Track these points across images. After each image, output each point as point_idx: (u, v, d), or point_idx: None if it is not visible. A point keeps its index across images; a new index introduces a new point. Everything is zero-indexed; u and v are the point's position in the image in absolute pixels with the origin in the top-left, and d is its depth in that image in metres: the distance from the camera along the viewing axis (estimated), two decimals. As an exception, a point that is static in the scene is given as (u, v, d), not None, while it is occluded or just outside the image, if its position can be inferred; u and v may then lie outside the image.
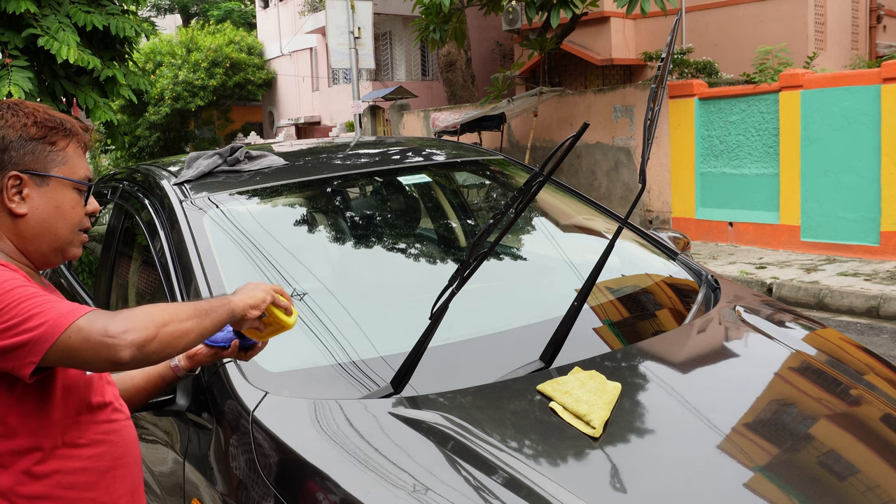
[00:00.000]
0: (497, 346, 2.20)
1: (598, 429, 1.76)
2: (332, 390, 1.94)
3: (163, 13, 35.58)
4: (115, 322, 1.33)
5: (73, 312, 1.33)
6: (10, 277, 1.37)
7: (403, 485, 1.61)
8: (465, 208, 3.47)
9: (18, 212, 1.49)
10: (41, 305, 1.33)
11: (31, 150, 1.49)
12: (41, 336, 1.30)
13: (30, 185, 1.49)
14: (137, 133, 26.07)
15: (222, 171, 2.77)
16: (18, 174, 1.48)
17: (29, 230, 1.51)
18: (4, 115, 1.50)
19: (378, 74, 22.66)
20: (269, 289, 1.60)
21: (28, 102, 1.55)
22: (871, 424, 1.97)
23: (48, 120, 1.52)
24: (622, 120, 10.61)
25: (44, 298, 1.34)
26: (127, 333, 1.32)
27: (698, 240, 9.73)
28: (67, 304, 1.36)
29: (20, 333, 1.30)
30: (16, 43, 7.96)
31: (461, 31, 12.11)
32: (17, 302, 1.32)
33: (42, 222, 1.51)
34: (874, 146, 8.00)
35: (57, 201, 1.52)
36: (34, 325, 1.30)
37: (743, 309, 2.46)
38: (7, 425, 1.40)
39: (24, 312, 1.31)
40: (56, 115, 1.56)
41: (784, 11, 14.78)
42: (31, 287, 1.37)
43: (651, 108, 2.24)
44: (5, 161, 1.48)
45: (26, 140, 1.49)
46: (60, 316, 1.31)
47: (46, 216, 1.51)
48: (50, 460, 1.44)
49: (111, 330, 1.31)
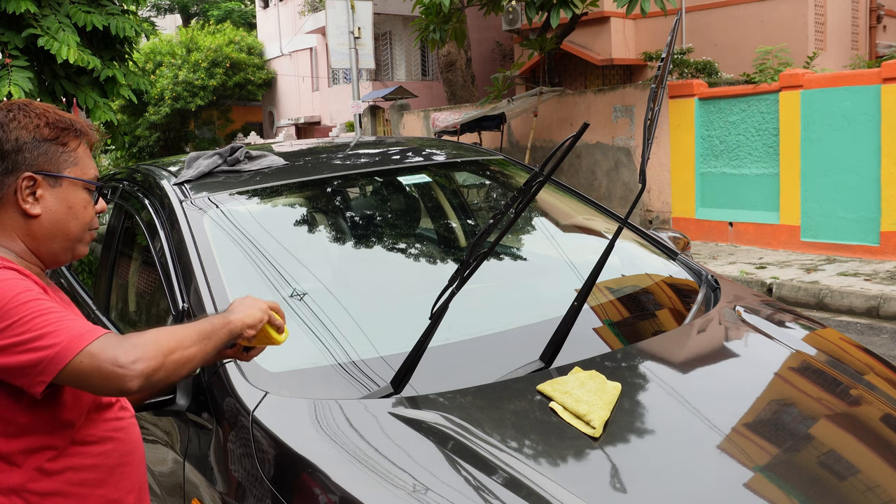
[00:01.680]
0: (497, 346, 2.20)
1: (598, 429, 1.76)
2: (332, 390, 1.94)
3: (163, 13, 35.58)
4: (125, 351, 1.34)
5: (86, 336, 1.34)
6: (26, 288, 1.37)
7: (403, 485, 1.60)
8: (465, 208, 3.47)
9: (33, 212, 1.50)
10: (55, 324, 1.33)
11: (44, 151, 1.51)
12: (54, 357, 1.31)
13: (43, 185, 1.51)
14: (137, 133, 26.07)
15: (222, 171, 2.77)
16: (33, 175, 1.50)
17: (42, 231, 1.52)
18: (17, 117, 1.51)
19: (378, 74, 22.66)
20: (265, 307, 1.61)
21: (37, 103, 1.56)
22: (871, 424, 1.97)
23: (60, 121, 1.54)
24: (622, 120, 10.61)
25: (58, 315, 1.35)
26: (136, 363, 1.33)
27: (698, 240, 9.73)
28: (80, 324, 1.36)
29: (33, 350, 1.31)
30: (16, 43, 7.96)
31: (461, 31, 12.11)
32: (32, 316, 1.33)
33: (55, 223, 1.53)
34: (874, 146, 8.00)
35: (69, 201, 1.54)
36: (47, 344, 1.31)
37: (743, 309, 2.46)
38: (19, 425, 1.42)
39: (38, 328, 1.32)
40: (66, 115, 1.57)
41: (784, 11, 14.78)
42: (45, 301, 1.37)
43: (651, 108, 2.24)
44: (19, 162, 1.49)
45: (39, 141, 1.50)
46: (74, 338, 1.32)
47: (59, 216, 1.53)
48: (62, 458, 1.46)
49: (121, 360, 1.33)
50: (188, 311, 2.17)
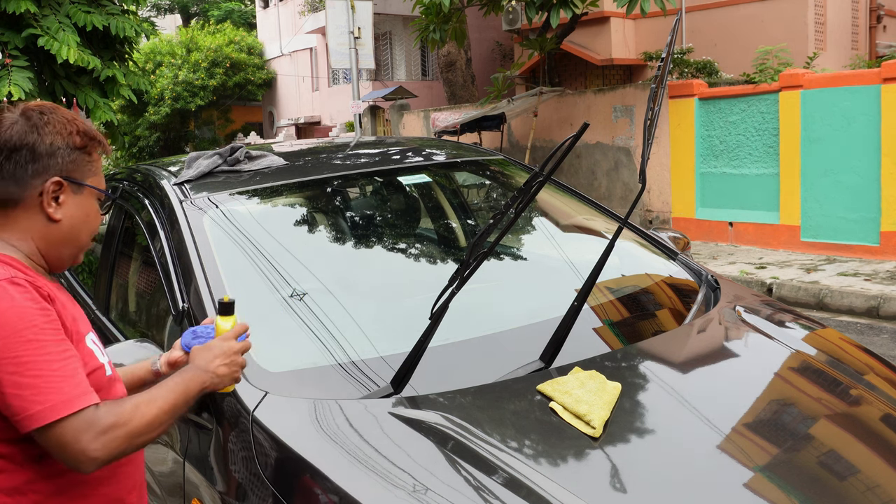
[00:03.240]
0: (497, 346, 2.20)
1: (598, 429, 1.76)
2: (332, 390, 1.94)
3: (163, 13, 35.58)
4: (93, 438, 1.37)
5: (72, 403, 1.36)
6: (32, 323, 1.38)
7: (403, 485, 1.61)
8: (465, 208, 3.47)
9: (55, 217, 1.53)
10: (48, 378, 1.36)
11: (73, 158, 1.54)
12: (34, 415, 1.35)
13: (67, 192, 1.54)
14: (137, 133, 26.07)
15: (222, 171, 2.77)
16: (61, 180, 1.52)
17: (59, 235, 1.55)
18: (51, 120, 1.53)
19: (378, 74, 22.66)
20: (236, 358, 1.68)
21: (63, 109, 1.59)
22: (871, 424, 1.97)
23: (88, 131, 1.58)
24: (622, 120, 10.61)
25: (53, 368, 1.37)
26: (100, 451, 1.38)
27: (698, 240, 9.73)
28: (70, 384, 1.38)
29: (19, 398, 1.35)
30: (16, 43, 7.96)
31: (461, 31, 12.11)
32: (30, 358, 1.36)
33: (72, 229, 1.56)
34: (874, 146, 8.00)
35: (87, 210, 1.58)
36: (33, 399, 1.35)
37: (743, 309, 2.46)
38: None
39: (31, 374, 1.35)
40: (89, 125, 1.62)
41: (784, 11, 14.78)
42: (48, 340, 1.39)
43: (651, 108, 2.24)
44: (50, 166, 1.52)
45: (71, 149, 1.54)
46: (60, 404, 1.36)
47: (77, 223, 1.57)
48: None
49: (87, 447, 1.37)
50: (188, 311, 2.17)
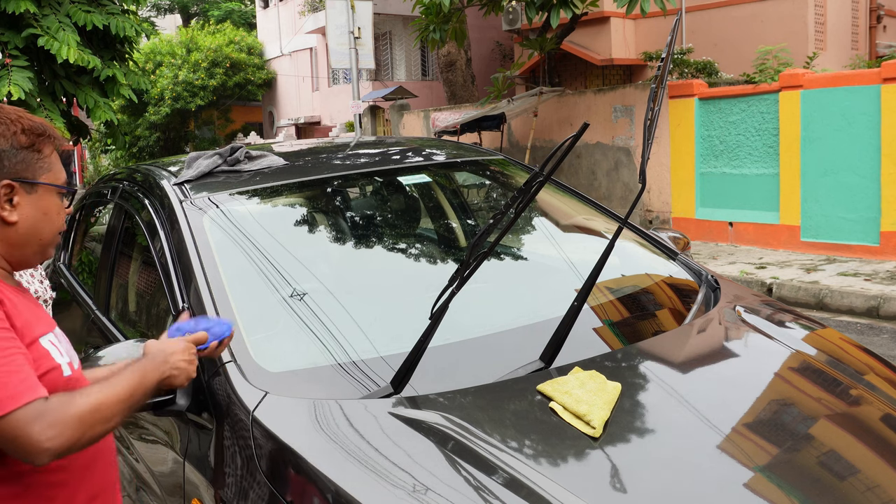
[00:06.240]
0: (497, 346, 2.19)
1: (598, 429, 1.76)
2: (332, 390, 1.94)
3: (163, 13, 35.56)
4: (43, 429, 1.34)
5: (18, 398, 1.34)
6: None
7: (403, 485, 1.61)
8: (465, 208, 3.47)
9: (10, 220, 1.51)
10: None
11: (21, 158, 1.51)
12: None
13: (20, 192, 1.51)
14: (137, 133, 26.05)
15: (222, 171, 2.77)
16: (10, 182, 1.49)
17: (17, 237, 1.53)
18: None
19: (378, 74, 22.66)
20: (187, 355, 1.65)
21: (8, 108, 1.55)
22: (871, 424, 1.97)
23: (34, 127, 1.54)
24: (622, 120, 10.61)
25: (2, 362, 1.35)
26: (51, 441, 1.35)
27: (698, 240, 9.73)
28: (17, 379, 1.36)
29: None
30: (16, 43, 7.95)
31: (461, 31, 12.11)
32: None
33: (30, 228, 1.53)
34: (874, 146, 8.00)
35: (44, 207, 1.55)
36: None
37: (743, 309, 2.46)
38: None
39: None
40: (38, 120, 1.57)
41: (784, 11, 14.78)
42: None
43: (651, 108, 2.24)
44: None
45: (17, 149, 1.50)
46: (6, 398, 1.33)
47: (35, 222, 1.54)
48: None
49: (37, 437, 1.34)
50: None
